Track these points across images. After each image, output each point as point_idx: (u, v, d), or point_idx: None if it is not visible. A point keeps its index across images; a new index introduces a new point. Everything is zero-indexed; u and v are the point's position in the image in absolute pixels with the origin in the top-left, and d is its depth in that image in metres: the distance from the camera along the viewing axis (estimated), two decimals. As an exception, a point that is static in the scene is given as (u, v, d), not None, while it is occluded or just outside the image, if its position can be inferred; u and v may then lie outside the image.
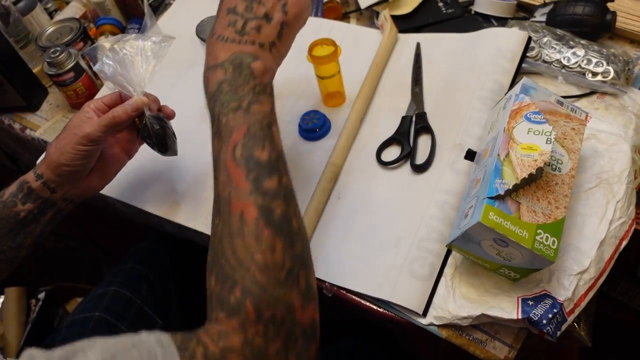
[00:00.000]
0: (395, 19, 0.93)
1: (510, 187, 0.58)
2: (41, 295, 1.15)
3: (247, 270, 0.47)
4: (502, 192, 0.58)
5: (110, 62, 0.69)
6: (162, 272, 0.92)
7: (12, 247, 0.69)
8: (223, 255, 0.49)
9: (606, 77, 0.78)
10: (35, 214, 0.69)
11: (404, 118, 0.81)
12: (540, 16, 0.89)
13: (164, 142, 0.73)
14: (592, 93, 0.79)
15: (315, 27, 0.96)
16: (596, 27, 0.82)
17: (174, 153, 0.76)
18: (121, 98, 0.72)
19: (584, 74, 0.79)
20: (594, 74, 0.79)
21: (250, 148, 0.52)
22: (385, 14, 0.91)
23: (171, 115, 0.75)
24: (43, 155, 0.70)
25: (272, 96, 0.58)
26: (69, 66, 0.90)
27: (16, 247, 0.70)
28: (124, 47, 0.69)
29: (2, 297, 1.13)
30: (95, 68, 0.69)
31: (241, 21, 0.59)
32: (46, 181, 0.68)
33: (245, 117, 0.54)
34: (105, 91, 0.96)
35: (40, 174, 0.68)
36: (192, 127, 0.84)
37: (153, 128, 0.71)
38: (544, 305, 0.60)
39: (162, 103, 0.75)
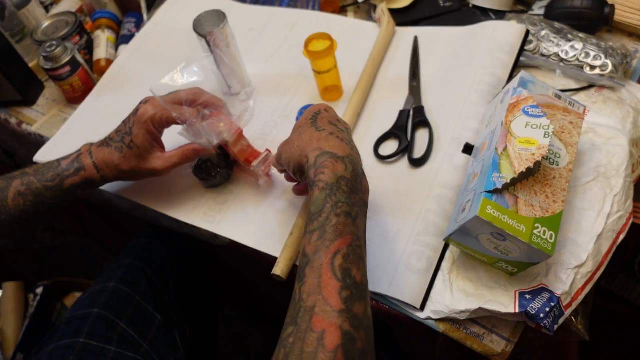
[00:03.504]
0: (393, 12, 0.93)
1: (508, 181, 0.58)
2: (39, 290, 1.15)
3: None
4: (499, 186, 0.58)
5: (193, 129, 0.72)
6: (161, 267, 0.92)
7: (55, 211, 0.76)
8: None
9: (604, 70, 0.78)
10: (86, 193, 0.76)
11: (401, 112, 0.81)
12: (538, 9, 0.89)
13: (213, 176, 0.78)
14: (590, 86, 0.79)
15: (313, 21, 0.96)
16: (594, 20, 0.82)
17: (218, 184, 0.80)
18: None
19: (582, 68, 0.79)
20: (592, 68, 0.78)
21: (350, 262, 0.49)
22: (382, 7, 0.91)
23: None
24: (102, 152, 0.73)
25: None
26: (65, 60, 0.90)
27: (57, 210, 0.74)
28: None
29: (0, 291, 1.13)
30: (180, 123, 0.72)
31: (347, 137, 0.61)
32: (109, 180, 0.74)
33: (352, 228, 0.52)
34: (105, 86, 0.96)
35: (107, 178, 0.73)
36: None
37: (212, 165, 0.77)
38: (542, 299, 0.60)
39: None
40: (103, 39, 1.01)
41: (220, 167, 0.76)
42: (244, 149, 0.75)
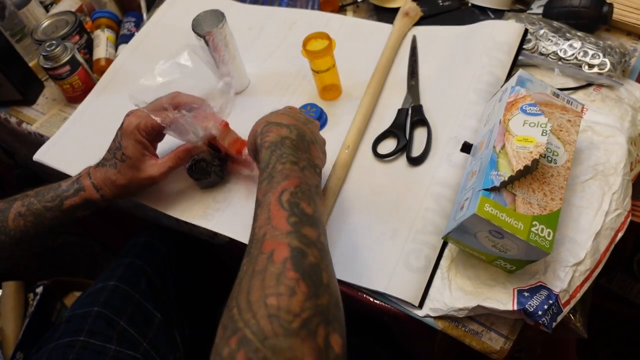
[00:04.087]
0: (392, 11, 0.93)
1: (506, 178, 0.58)
2: (39, 289, 1.15)
3: (253, 315, 0.41)
4: (497, 184, 0.58)
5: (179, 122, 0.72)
6: (161, 266, 0.93)
7: (58, 234, 0.76)
8: (236, 296, 0.44)
9: (602, 69, 0.78)
10: (88, 215, 0.76)
11: (399, 111, 0.81)
12: (537, 8, 0.89)
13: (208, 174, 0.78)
14: (588, 85, 0.79)
15: (312, 20, 0.96)
16: (593, 19, 0.82)
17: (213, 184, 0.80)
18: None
19: (580, 66, 0.79)
20: (591, 66, 0.79)
21: (298, 198, 0.51)
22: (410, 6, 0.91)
23: None
24: (99, 172, 0.73)
25: (320, 178, 0.59)
26: (65, 60, 0.90)
27: (59, 235, 0.73)
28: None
29: (0, 291, 1.13)
30: (165, 126, 0.72)
31: (299, 117, 0.65)
32: (109, 199, 0.74)
33: (300, 173, 0.54)
34: (105, 85, 0.96)
35: (108, 198, 0.74)
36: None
37: (205, 164, 0.77)
38: (540, 297, 0.60)
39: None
40: (103, 39, 1.01)
41: (214, 164, 0.76)
42: (233, 141, 0.75)
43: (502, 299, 0.62)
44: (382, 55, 0.87)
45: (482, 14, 0.91)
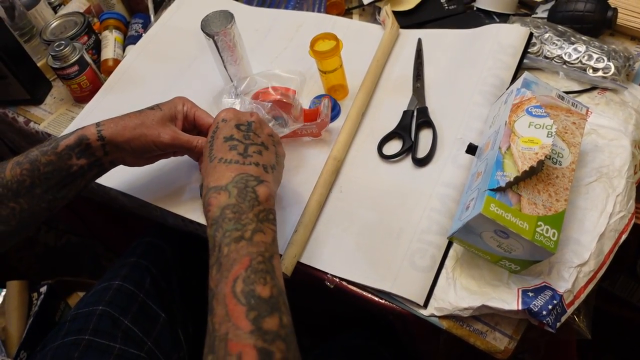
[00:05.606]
0: (398, 15, 0.94)
1: (511, 179, 0.59)
2: (43, 289, 1.15)
3: None
4: (503, 184, 0.58)
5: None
6: (165, 266, 0.93)
7: (57, 198, 0.69)
8: None
9: (607, 72, 0.78)
10: (85, 170, 0.69)
11: (405, 112, 0.81)
12: (541, 12, 0.90)
13: None
14: (592, 89, 0.80)
15: (318, 23, 0.97)
16: (597, 23, 0.83)
17: None
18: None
19: (584, 70, 0.80)
20: (595, 70, 0.79)
21: (251, 283, 0.51)
22: (386, 10, 0.92)
23: None
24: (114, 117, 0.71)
25: (274, 224, 0.58)
26: (73, 60, 0.91)
27: (60, 198, 0.69)
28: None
29: (4, 290, 1.13)
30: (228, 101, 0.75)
31: (242, 145, 0.63)
32: (106, 144, 0.69)
33: (247, 249, 0.53)
34: (112, 86, 0.97)
35: (104, 136, 0.68)
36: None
37: None
38: (544, 297, 0.61)
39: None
40: (111, 39, 1.02)
41: None
42: (303, 110, 0.78)
43: (507, 299, 0.62)
44: (372, 62, 0.88)
45: (487, 17, 0.92)
